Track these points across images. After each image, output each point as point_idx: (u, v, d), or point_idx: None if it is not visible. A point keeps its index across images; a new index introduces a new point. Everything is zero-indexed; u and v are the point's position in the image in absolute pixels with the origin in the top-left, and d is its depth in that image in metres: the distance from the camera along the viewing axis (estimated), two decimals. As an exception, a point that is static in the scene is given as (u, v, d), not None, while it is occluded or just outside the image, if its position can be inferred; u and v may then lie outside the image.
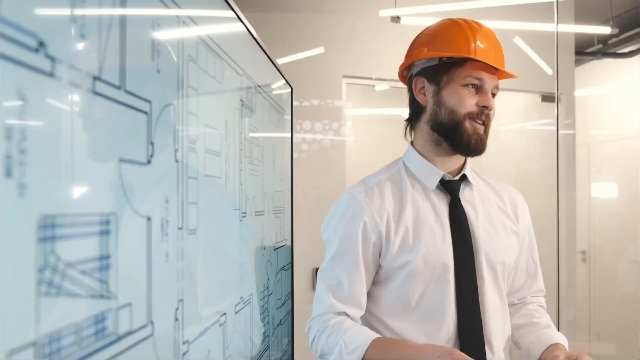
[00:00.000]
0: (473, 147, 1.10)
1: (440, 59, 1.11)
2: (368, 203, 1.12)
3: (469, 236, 1.12)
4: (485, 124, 1.11)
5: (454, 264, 1.09)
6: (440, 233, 1.11)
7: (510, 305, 1.24)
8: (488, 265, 1.12)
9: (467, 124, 1.09)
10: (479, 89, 1.10)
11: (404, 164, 1.19)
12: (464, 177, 1.17)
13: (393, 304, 1.12)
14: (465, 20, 1.14)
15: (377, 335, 1.05)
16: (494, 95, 1.12)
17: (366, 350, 1.01)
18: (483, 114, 1.09)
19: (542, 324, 1.17)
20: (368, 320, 1.17)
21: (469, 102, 1.09)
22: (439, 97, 1.11)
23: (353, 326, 1.08)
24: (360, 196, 1.13)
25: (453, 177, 1.16)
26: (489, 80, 1.10)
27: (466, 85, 1.09)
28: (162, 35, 0.74)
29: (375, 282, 1.15)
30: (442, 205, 1.13)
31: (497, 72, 1.13)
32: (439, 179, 1.14)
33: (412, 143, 1.21)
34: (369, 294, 1.16)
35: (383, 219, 1.10)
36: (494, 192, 1.21)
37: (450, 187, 1.14)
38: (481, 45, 1.09)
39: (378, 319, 1.15)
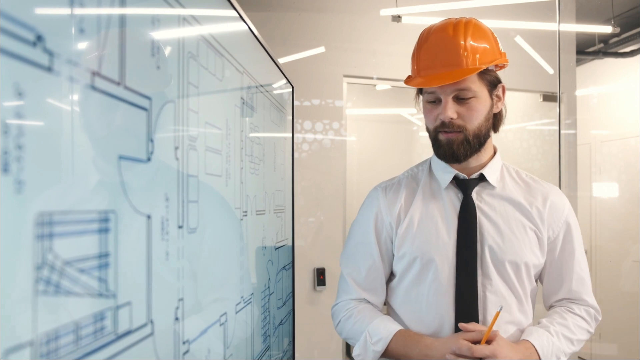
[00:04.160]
0: (448, 157, 1.14)
1: None
2: (384, 197, 1.21)
3: (474, 233, 1.12)
4: (460, 131, 1.09)
5: (456, 260, 1.10)
6: (446, 229, 1.13)
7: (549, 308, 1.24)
8: (494, 264, 1.11)
9: (440, 136, 1.13)
10: (439, 100, 1.12)
11: (430, 162, 1.26)
12: (482, 177, 1.17)
13: (399, 295, 1.18)
14: (423, 34, 1.14)
15: (400, 327, 1.12)
16: (463, 98, 1.08)
17: (389, 342, 1.10)
18: (445, 125, 1.11)
19: (541, 322, 1.15)
20: (389, 311, 1.26)
21: (432, 117, 1.14)
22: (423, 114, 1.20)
23: (377, 316, 1.16)
24: (379, 191, 1.24)
25: (469, 176, 1.17)
26: (444, 90, 1.09)
27: (428, 102, 1.14)
28: (162, 31, 0.73)
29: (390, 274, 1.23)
30: (454, 203, 1.16)
31: (462, 73, 1.06)
32: (452, 177, 1.17)
33: None
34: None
35: (394, 212, 1.18)
36: (524, 192, 1.18)
37: (464, 186, 1.16)
38: (424, 63, 1.11)
39: (392, 310, 1.22)
